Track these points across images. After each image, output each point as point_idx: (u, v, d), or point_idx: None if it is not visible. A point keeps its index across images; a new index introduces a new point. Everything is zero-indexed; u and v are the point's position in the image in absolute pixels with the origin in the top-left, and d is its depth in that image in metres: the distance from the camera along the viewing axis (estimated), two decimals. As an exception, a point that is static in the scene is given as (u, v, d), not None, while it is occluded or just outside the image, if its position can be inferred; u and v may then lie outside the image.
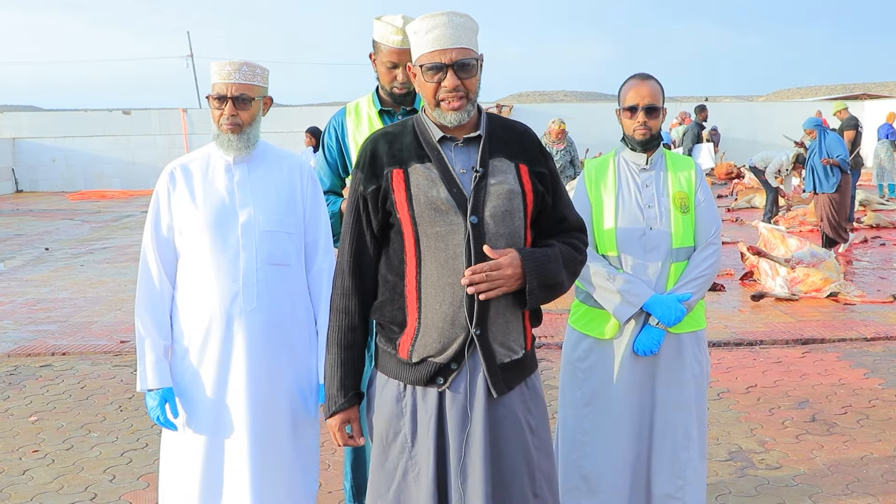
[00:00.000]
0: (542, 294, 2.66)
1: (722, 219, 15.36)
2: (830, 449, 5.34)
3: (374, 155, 2.72)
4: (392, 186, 2.66)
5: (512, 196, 2.67)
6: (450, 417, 2.67)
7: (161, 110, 28.69)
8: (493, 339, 2.66)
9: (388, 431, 2.74)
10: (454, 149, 2.70)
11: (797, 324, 8.32)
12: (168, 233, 3.30)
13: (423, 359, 2.67)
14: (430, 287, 2.64)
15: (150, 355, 3.25)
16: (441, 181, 2.65)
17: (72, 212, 20.47)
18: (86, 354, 7.82)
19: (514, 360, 2.72)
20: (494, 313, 2.65)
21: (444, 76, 2.62)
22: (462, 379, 2.66)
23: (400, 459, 2.72)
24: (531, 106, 34.64)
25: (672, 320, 3.52)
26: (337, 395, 2.77)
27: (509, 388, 2.71)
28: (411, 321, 2.69)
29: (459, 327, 2.64)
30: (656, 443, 3.61)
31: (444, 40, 2.62)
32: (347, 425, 2.81)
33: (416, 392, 2.70)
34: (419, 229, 2.64)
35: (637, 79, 3.68)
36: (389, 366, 2.75)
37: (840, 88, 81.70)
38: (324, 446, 5.29)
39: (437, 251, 2.63)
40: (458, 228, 2.62)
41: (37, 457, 5.45)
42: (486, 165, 2.68)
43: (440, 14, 2.64)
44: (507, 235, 2.65)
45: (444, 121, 2.66)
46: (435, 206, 2.62)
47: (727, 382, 6.67)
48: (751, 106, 34.45)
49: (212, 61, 3.29)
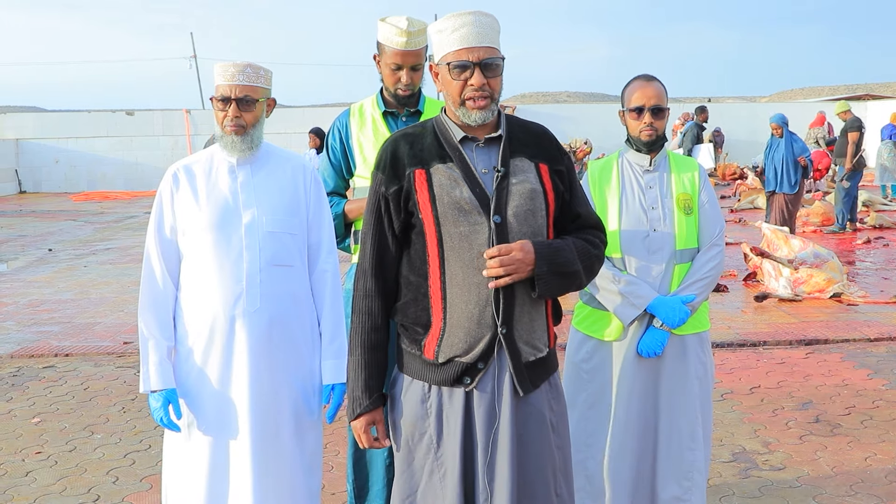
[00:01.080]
0: (554, 281, 2.65)
1: (725, 219, 15.39)
2: (834, 450, 5.33)
3: (395, 156, 2.73)
4: (415, 187, 2.67)
5: (534, 195, 2.68)
6: (477, 417, 2.67)
7: (164, 111, 28.72)
8: (518, 337, 2.68)
9: (413, 433, 2.74)
10: (475, 149, 2.71)
11: (800, 325, 8.31)
12: (171, 234, 3.30)
13: (450, 359, 2.67)
14: (456, 287, 2.65)
15: (154, 356, 3.24)
16: (464, 181, 2.66)
17: (75, 213, 20.49)
18: (89, 356, 7.83)
19: (539, 359, 2.73)
20: (520, 312, 2.67)
21: (471, 74, 2.63)
22: (489, 378, 2.67)
23: (426, 460, 2.72)
24: (534, 106, 34.66)
25: (676, 322, 3.52)
26: (362, 397, 2.77)
27: (535, 386, 2.72)
28: (436, 321, 2.69)
29: (486, 326, 2.64)
30: (662, 445, 3.60)
31: (471, 39, 2.64)
32: (373, 427, 2.80)
33: (441, 392, 2.71)
34: (442, 229, 2.64)
35: (642, 80, 3.68)
36: (413, 367, 2.75)
37: (843, 89, 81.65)
38: (326, 447, 5.29)
39: (461, 251, 2.64)
40: (481, 228, 2.63)
41: (40, 458, 5.45)
42: (508, 165, 2.70)
43: (467, 13, 2.66)
44: (529, 234, 2.66)
45: (469, 120, 2.67)
46: (458, 205, 2.63)
47: (730, 383, 6.66)
48: (753, 106, 34.40)
49: (215, 62, 3.29)
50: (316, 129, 14.27)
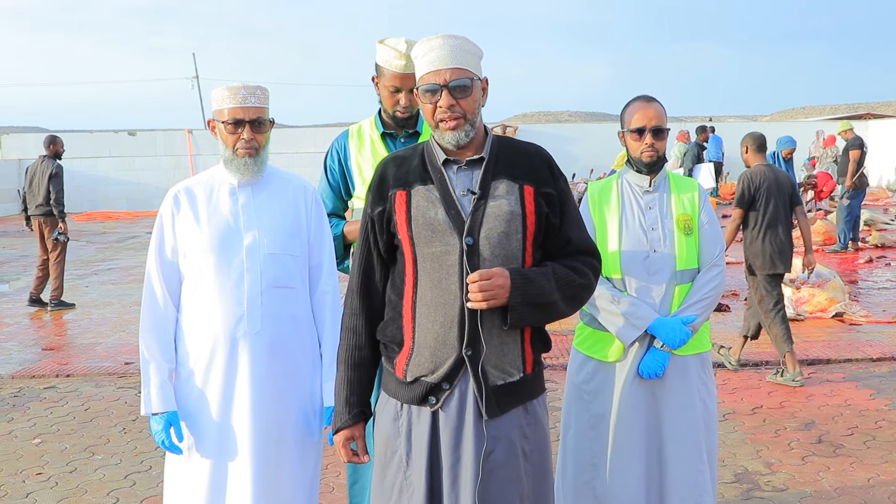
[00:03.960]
0: (529, 312, 2.64)
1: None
2: (837, 471, 5.31)
3: (382, 177, 2.78)
4: (394, 208, 2.71)
5: (510, 218, 2.67)
6: (443, 438, 2.68)
7: (166, 131, 28.80)
8: (485, 360, 2.66)
9: (385, 450, 2.77)
10: (457, 171, 2.73)
11: (802, 344, 8.29)
12: (172, 256, 3.30)
13: (417, 378, 2.70)
14: (424, 306, 2.67)
15: (155, 379, 3.24)
16: (440, 202, 2.67)
17: (77, 233, 20.47)
18: (90, 376, 7.83)
19: (510, 383, 2.70)
20: (487, 334, 2.65)
21: (440, 97, 2.66)
22: (454, 399, 2.67)
23: (396, 479, 2.74)
24: (536, 126, 34.71)
25: (677, 343, 3.51)
26: (342, 412, 2.81)
27: (503, 410, 2.69)
28: (407, 340, 2.72)
29: (450, 347, 2.65)
30: (670, 467, 3.57)
31: (438, 62, 2.66)
32: (352, 442, 2.83)
33: (411, 411, 2.73)
34: (417, 249, 2.67)
35: (642, 101, 3.69)
36: (389, 385, 2.78)
37: (844, 108, 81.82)
38: (328, 468, 5.28)
39: (431, 271, 2.66)
40: (453, 249, 2.64)
41: (40, 479, 5.44)
42: (487, 187, 2.70)
43: (436, 37, 2.69)
44: (502, 257, 2.65)
45: (443, 141, 2.70)
46: (432, 226, 2.65)
47: (733, 403, 6.64)
48: (755, 126, 34.42)
49: (217, 83, 3.28)
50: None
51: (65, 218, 11.37)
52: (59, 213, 11.26)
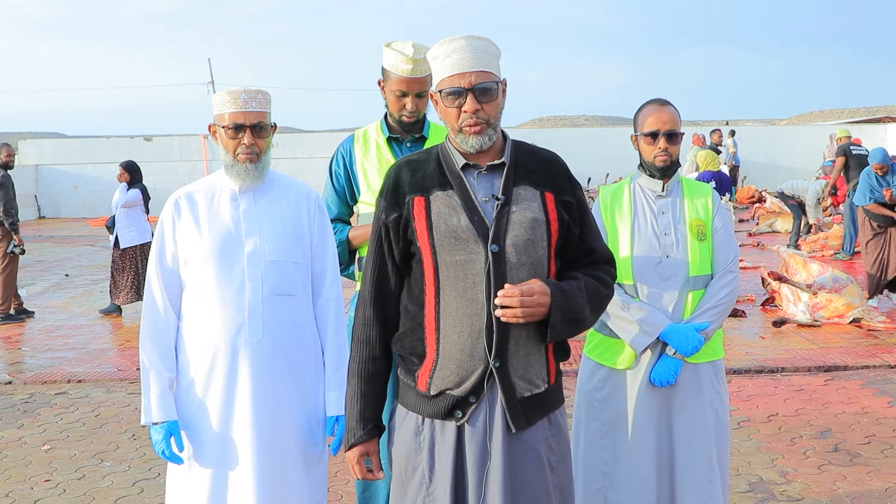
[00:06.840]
0: (565, 329, 2.59)
1: (743, 243, 15.19)
2: (853, 480, 5.22)
3: (396, 183, 2.68)
4: (413, 214, 2.62)
5: (535, 225, 2.60)
6: (469, 452, 2.59)
7: (182, 136, 28.90)
8: (513, 371, 2.59)
9: (406, 466, 2.68)
10: (477, 176, 2.65)
11: (819, 350, 8.20)
12: (173, 263, 3.26)
13: (441, 391, 2.61)
14: (449, 317, 2.58)
15: (155, 388, 3.19)
16: (462, 209, 2.59)
17: (92, 238, 20.55)
18: (101, 382, 7.82)
19: (536, 395, 2.63)
20: (514, 345, 2.58)
21: (464, 101, 2.58)
22: (481, 413, 2.59)
23: (418, 495, 2.65)
24: (553, 130, 34.65)
25: (689, 350, 3.45)
26: (356, 427, 2.71)
27: (530, 423, 2.62)
28: (430, 352, 2.62)
29: (478, 359, 2.57)
30: (681, 476, 3.51)
31: (462, 64, 2.58)
32: (366, 458, 2.74)
33: (434, 426, 2.64)
34: (438, 258, 2.58)
35: (656, 104, 3.63)
36: (409, 398, 2.69)
37: (863, 111, 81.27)
38: (336, 476, 5.23)
39: (456, 280, 2.57)
40: (478, 257, 2.56)
41: (48, 486, 5.41)
42: (510, 193, 2.62)
43: (459, 38, 2.60)
44: (529, 265, 2.59)
45: (466, 146, 2.61)
46: (455, 234, 2.57)
47: (748, 411, 6.56)
48: (772, 129, 34.29)
49: (221, 88, 3.23)
50: (127, 163, 11.13)
51: (17, 230, 10.59)
52: (10, 225, 10.52)
